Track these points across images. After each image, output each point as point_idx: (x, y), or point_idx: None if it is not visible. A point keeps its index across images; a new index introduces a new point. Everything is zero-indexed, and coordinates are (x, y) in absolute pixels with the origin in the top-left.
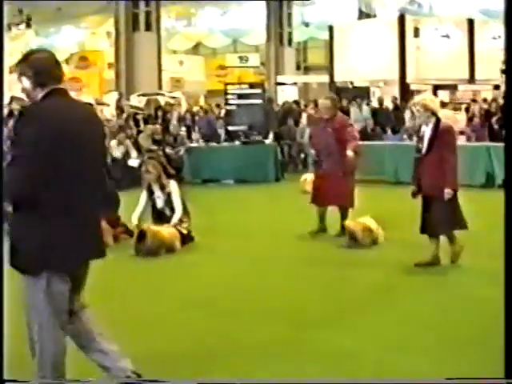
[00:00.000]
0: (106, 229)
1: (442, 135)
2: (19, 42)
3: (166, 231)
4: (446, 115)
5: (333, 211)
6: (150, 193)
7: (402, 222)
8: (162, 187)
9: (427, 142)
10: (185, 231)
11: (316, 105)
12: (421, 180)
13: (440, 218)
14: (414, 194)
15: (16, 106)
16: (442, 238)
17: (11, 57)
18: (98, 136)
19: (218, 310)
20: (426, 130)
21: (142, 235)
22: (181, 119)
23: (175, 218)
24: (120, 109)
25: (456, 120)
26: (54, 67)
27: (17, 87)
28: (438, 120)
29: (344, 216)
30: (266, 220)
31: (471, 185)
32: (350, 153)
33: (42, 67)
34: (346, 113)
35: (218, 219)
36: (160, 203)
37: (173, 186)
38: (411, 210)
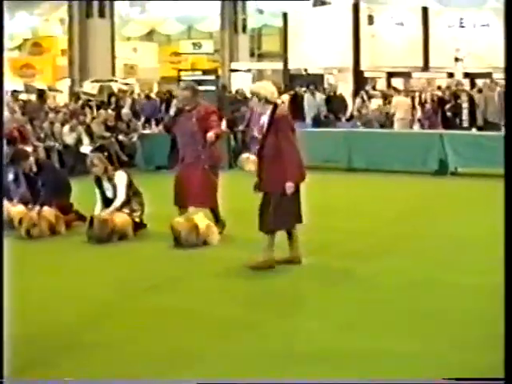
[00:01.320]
0: (58, 216)
1: (277, 124)
2: None
3: (119, 218)
4: (399, 101)
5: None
6: (99, 184)
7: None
8: (110, 178)
9: (264, 133)
10: (137, 219)
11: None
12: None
13: (277, 213)
14: (255, 188)
15: None
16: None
17: None
18: None
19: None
20: (265, 120)
21: (92, 222)
22: (134, 106)
23: (116, 205)
24: (75, 95)
25: (411, 107)
26: None
27: None
28: (274, 109)
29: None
30: None
31: (424, 172)
32: (210, 134)
33: None
34: (300, 100)
35: (170, 206)
36: (109, 194)
37: (119, 176)
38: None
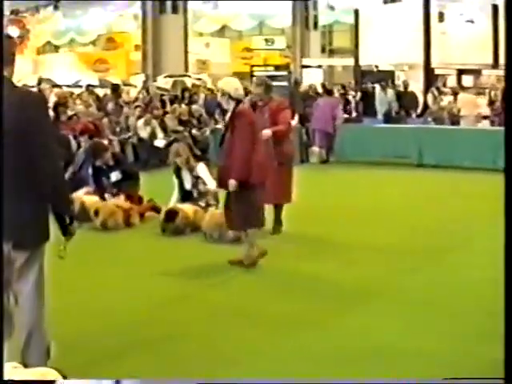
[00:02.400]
0: (133, 208)
1: (234, 121)
2: (47, 25)
3: (191, 210)
4: (465, 99)
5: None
6: (178, 174)
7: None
8: (191, 170)
9: (224, 129)
10: None
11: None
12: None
13: (236, 213)
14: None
15: (46, 86)
16: None
17: (38, 39)
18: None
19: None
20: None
21: (171, 215)
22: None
23: (210, 186)
24: (146, 90)
25: (477, 104)
26: None
27: (43, 68)
28: (236, 105)
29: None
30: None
31: (494, 169)
32: (265, 131)
33: None
34: (371, 95)
35: None
36: (188, 185)
37: (201, 168)
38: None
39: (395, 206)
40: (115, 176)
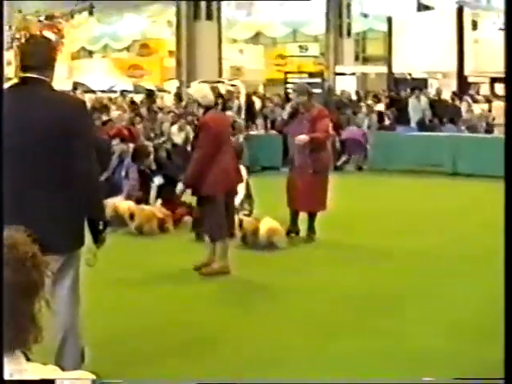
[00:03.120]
0: (168, 214)
1: (198, 130)
2: (82, 30)
3: None
4: (498, 107)
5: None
6: None
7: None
8: None
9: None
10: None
11: (375, 96)
12: None
13: (205, 222)
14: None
15: (78, 91)
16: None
17: (72, 44)
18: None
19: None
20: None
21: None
22: (240, 107)
23: (236, 202)
24: (178, 96)
25: None
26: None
27: (77, 73)
28: (205, 112)
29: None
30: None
31: None
32: (300, 137)
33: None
34: (404, 103)
35: (275, 208)
36: None
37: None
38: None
39: (429, 214)
40: (158, 180)
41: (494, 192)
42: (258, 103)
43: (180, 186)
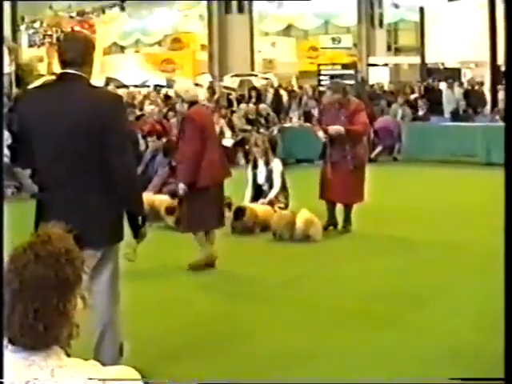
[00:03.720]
0: None
1: (182, 124)
2: (113, 25)
3: (261, 209)
4: None
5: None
6: (254, 166)
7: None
8: (267, 163)
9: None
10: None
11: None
12: None
13: (189, 214)
14: None
15: (111, 87)
16: None
17: (104, 40)
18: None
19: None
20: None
21: (239, 213)
22: (274, 100)
23: (272, 194)
24: (212, 90)
25: None
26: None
27: (110, 68)
28: (189, 107)
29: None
30: None
31: None
32: (336, 127)
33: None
34: (438, 93)
35: (311, 200)
36: (261, 178)
37: (276, 163)
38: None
39: (463, 205)
40: None
41: None
42: (285, 96)
43: (182, 186)
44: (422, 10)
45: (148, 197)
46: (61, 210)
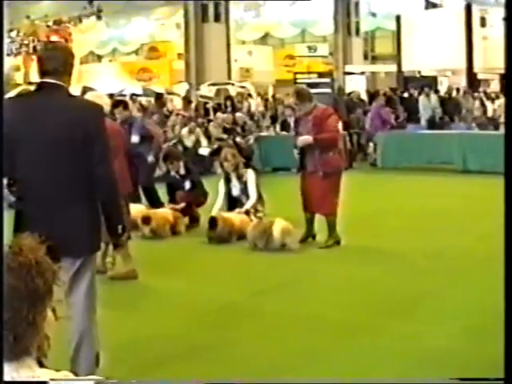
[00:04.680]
0: (179, 217)
1: None
2: (90, 34)
3: (238, 218)
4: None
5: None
6: (227, 180)
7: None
8: (239, 176)
9: None
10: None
11: (384, 94)
12: None
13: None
14: None
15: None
16: None
17: (81, 49)
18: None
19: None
20: None
21: (213, 222)
22: (249, 109)
23: (248, 205)
24: (187, 99)
25: None
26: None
27: (87, 78)
28: None
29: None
30: None
31: None
32: (303, 137)
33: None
34: (415, 101)
35: (287, 208)
36: (236, 191)
37: (250, 174)
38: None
39: (441, 212)
40: (188, 185)
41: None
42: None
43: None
44: (398, 18)
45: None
46: (40, 220)
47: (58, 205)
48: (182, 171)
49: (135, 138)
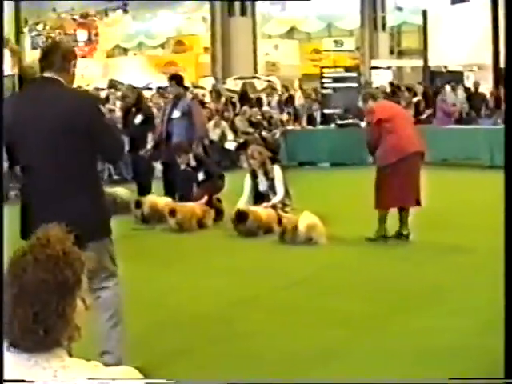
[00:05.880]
0: (207, 210)
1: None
2: (116, 28)
3: (265, 212)
4: None
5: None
6: (254, 176)
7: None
8: (266, 173)
9: None
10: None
11: (409, 89)
12: None
13: None
14: None
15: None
16: None
17: (107, 42)
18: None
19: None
20: None
21: (241, 216)
22: (278, 102)
23: (275, 200)
24: (216, 93)
25: None
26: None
27: (113, 71)
28: None
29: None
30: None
31: None
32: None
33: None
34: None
35: (313, 202)
36: (263, 187)
37: (276, 171)
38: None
39: (467, 207)
40: (201, 176)
41: None
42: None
43: None
44: (424, 12)
45: (151, 199)
46: (45, 210)
47: (58, 196)
48: (193, 163)
49: (177, 114)
